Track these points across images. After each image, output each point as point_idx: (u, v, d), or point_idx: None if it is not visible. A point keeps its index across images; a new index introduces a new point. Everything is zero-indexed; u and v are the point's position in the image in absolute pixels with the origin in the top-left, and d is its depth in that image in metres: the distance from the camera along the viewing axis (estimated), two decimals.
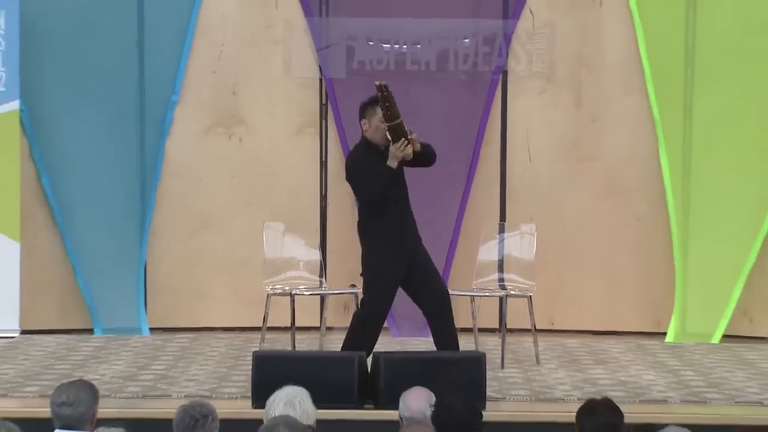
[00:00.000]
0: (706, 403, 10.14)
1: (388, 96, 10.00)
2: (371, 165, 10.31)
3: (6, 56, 12.81)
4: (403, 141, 10.11)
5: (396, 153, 10.16)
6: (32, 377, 10.72)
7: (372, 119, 10.26)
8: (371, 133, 10.34)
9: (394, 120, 10.07)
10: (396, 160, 10.18)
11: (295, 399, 7.47)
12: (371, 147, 10.39)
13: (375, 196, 10.33)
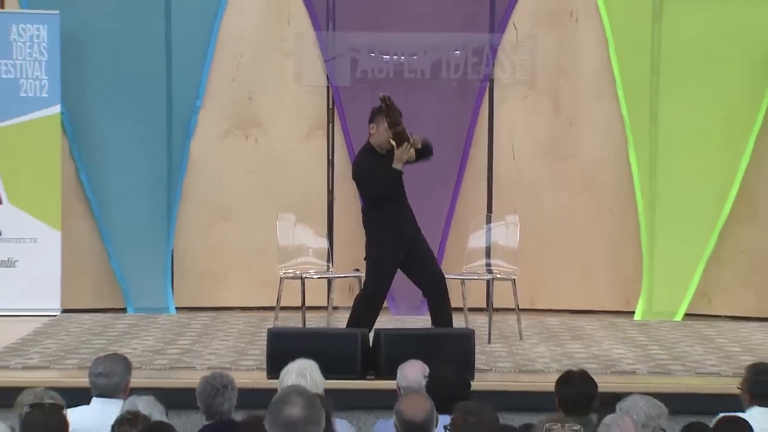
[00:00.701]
0: (670, 374, 10.16)
1: (391, 106, 10.15)
2: (375, 166, 10.44)
3: (48, 66, 12.81)
4: (406, 144, 10.24)
5: (401, 156, 10.30)
6: (72, 351, 10.73)
7: (380, 125, 10.34)
8: (377, 137, 10.41)
9: (397, 127, 10.20)
10: (401, 162, 10.33)
11: (305, 370, 7.48)
12: (374, 151, 10.48)
13: (380, 194, 10.44)
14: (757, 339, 11.73)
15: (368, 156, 10.54)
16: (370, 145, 10.52)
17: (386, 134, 10.29)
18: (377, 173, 10.40)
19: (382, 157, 10.43)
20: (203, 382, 7.46)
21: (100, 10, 13.26)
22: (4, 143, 12.80)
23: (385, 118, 10.20)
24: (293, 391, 5.98)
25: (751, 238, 13.04)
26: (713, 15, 13.16)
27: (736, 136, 13.05)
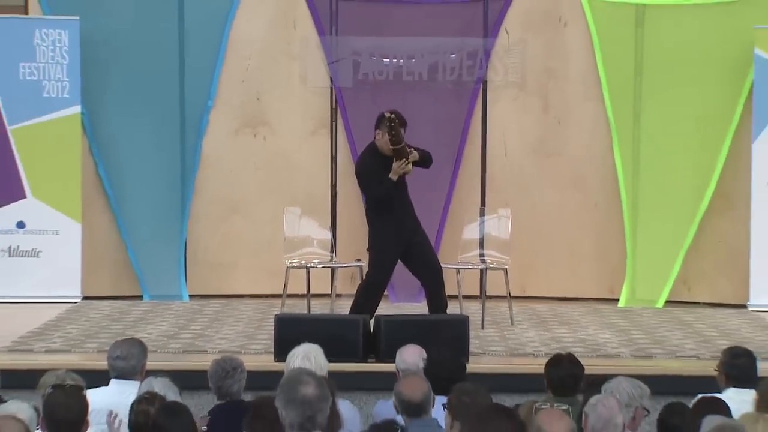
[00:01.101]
0: (651, 357, 10.18)
1: (395, 126, 10.26)
2: (377, 169, 10.51)
3: (69, 69, 12.81)
4: (404, 161, 10.32)
5: (397, 170, 10.41)
6: (92, 336, 10.74)
7: (384, 134, 10.41)
8: (381, 143, 10.47)
9: (398, 144, 10.31)
10: (396, 175, 10.41)
11: (310, 354, 7.49)
12: (378, 152, 10.54)
13: (379, 198, 10.55)
14: (733, 324, 11.72)
15: (371, 157, 10.60)
16: (374, 146, 10.58)
17: (388, 144, 10.35)
18: (377, 177, 10.49)
19: (383, 160, 10.48)
20: (214, 365, 7.47)
21: (117, 16, 13.25)
22: (28, 141, 12.79)
23: (388, 133, 10.28)
24: (304, 372, 5.99)
25: (728, 229, 13.04)
26: (692, 21, 13.16)
27: (714, 135, 13.04)
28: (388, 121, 10.24)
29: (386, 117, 10.29)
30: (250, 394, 7.28)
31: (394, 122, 10.23)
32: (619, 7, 13.39)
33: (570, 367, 7.55)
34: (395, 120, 10.25)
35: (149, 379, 7.14)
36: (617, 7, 13.39)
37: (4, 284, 12.64)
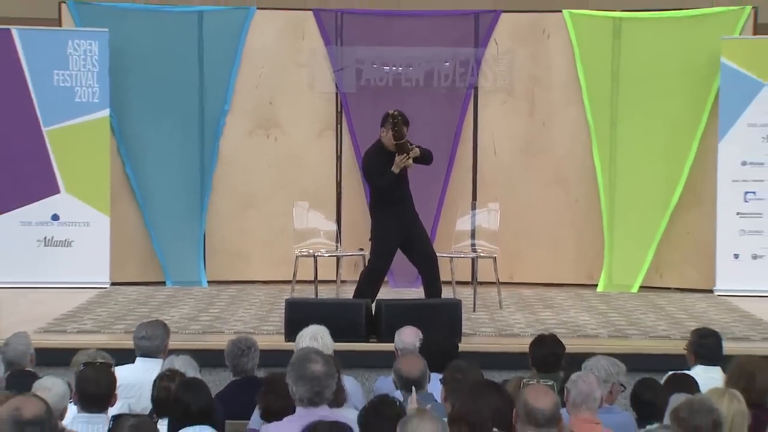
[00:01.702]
0: (627, 337, 10.18)
1: (398, 122, 10.32)
2: (381, 163, 10.54)
3: (99, 76, 12.80)
4: (405, 155, 10.35)
5: (399, 163, 10.45)
6: (119, 318, 10.75)
7: (388, 131, 10.46)
8: (385, 139, 10.49)
9: (401, 139, 10.37)
10: (398, 168, 10.44)
11: (317, 334, 7.49)
12: (383, 149, 10.54)
13: (381, 188, 10.55)
14: (701, 308, 11.72)
15: (376, 153, 10.62)
16: (380, 143, 10.60)
17: (392, 139, 10.37)
18: (381, 171, 10.51)
19: (387, 155, 10.50)
20: (230, 345, 7.48)
21: (142, 28, 13.26)
22: (62, 142, 12.79)
23: (392, 129, 10.31)
24: (312, 351, 6.00)
25: (696, 222, 13.03)
26: (664, 33, 13.16)
27: (684, 137, 13.03)
28: (392, 118, 10.32)
29: (391, 114, 10.38)
30: (263, 371, 7.30)
31: (397, 119, 10.31)
32: (598, 20, 13.39)
33: (553, 346, 7.56)
34: (398, 117, 10.32)
35: (171, 357, 7.15)
36: (596, 21, 13.39)
37: (40, 272, 12.63)
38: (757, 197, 12.71)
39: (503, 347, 9.46)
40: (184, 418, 5.80)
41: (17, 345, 7.48)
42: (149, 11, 13.46)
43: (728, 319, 10.97)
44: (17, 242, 12.70)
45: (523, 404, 5.49)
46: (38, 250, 12.75)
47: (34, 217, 12.77)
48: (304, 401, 5.73)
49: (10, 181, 12.72)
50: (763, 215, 12.69)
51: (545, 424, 5.46)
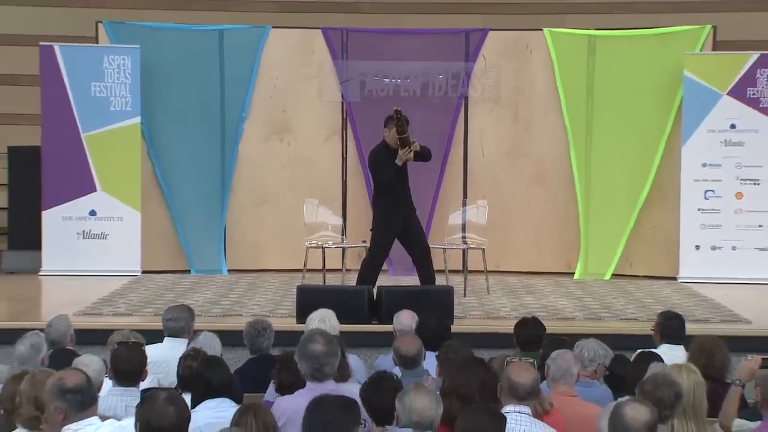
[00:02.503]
0: (600, 319, 10.20)
1: (401, 117, 10.34)
2: (385, 160, 10.53)
3: (131, 87, 12.80)
4: (407, 149, 10.33)
5: (402, 156, 10.44)
6: (149, 302, 10.76)
7: (391, 129, 10.49)
8: (388, 137, 10.52)
9: (403, 134, 10.37)
10: (401, 160, 10.44)
11: (325, 317, 7.50)
12: (387, 148, 10.55)
13: (386, 182, 10.53)
14: (666, 293, 11.73)
15: (381, 152, 10.64)
16: (384, 143, 10.62)
17: (394, 136, 10.38)
18: (385, 166, 10.50)
19: (390, 153, 10.51)
20: (248, 326, 7.48)
21: (170, 45, 13.28)
22: (98, 145, 12.79)
23: (395, 125, 10.33)
24: (317, 333, 6.02)
25: (662, 217, 13.03)
26: (634, 49, 13.16)
27: (651, 142, 13.04)
28: (396, 114, 10.34)
29: (395, 110, 10.41)
30: (277, 350, 7.30)
31: (400, 114, 10.32)
32: (575, 38, 13.38)
33: (534, 327, 7.56)
34: (401, 113, 10.33)
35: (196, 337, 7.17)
36: (573, 38, 13.39)
37: (79, 261, 12.64)
38: (715, 195, 12.71)
39: (490, 328, 9.45)
40: (206, 391, 5.82)
41: (59, 326, 7.49)
42: (176, 30, 13.47)
43: (690, 303, 10.97)
44: (59, 235, 12.70)
45: (507, 379, 5.50)
46: (77, 243, 12.75)
47: (73, 213, 12.77)
48: (308, 376, 5.77)
49: (53, 180, 12.72)
50: (721, 211, 12.69)
51: (526, 397, 5.48)
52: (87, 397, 4.97)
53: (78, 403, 4.95)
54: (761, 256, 12.60)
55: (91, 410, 4.98)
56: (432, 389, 5.23)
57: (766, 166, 12.63)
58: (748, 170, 12.67)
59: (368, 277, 10.51)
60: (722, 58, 12.86)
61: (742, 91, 12.63)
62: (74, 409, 4.95)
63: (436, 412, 5.02)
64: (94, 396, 5.03)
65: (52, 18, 14.85)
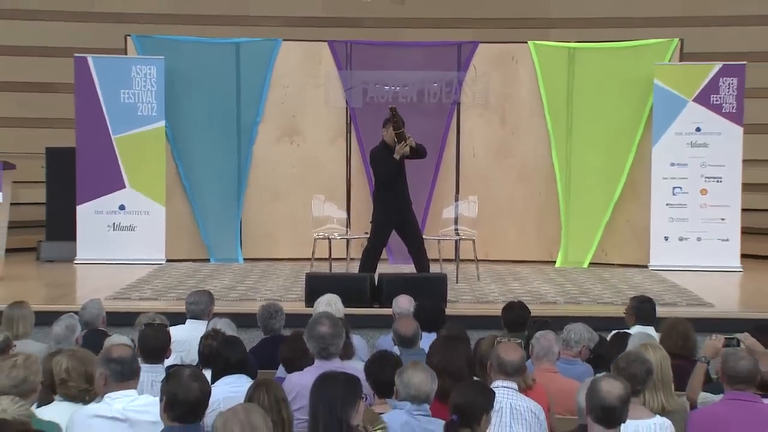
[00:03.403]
0: (579, 303, 10.18)
1: (396, 114, 10.40)
2: (385, 158, 10.57)
3: (156, 94, 12.80)
4: (404, 142, 10.34)
5: (399, 150, 10.44)
6: (173, 287, 10.76)
7: (388, 129, 10.56)
8: (386, 136, 10.56)
9: (399, 129, 10.38)
10: (398, 154, 10.45)
11: (331, 301, 7.51)
12: (386, 146, 10.58)
13: (386, 176, 10.57)
14: (638, 280, 11.72)
15: (380, 150, 10.68)
16: (383, 142, 10.65)
17: (392, 134, 10.40)
18: (384, 162, 10.53)
19: (389, 151, 10.54)
20: (262, 309, 7.48)
21: (191, 56, 13.27)
22: (127, 147, 12.78)
23: (392, 122, 10.37)
24: (323, 315, 6.02)
25: (634, 211, 13.02)
26: (609, 60, 13.16)
27: (624, 143, 13.04)
28: (391, 111, 10.39)
29: (390, 108, 10.47)
30: (287, 330, 7.29)
31: (395, 112, 10.37)
32: (556, 49, 13.37)
33: (520, 310, 7.56)
34: (396, 110, 10.39)
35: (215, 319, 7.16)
36: (555, 50, 13.37)
37: (110, 251, 12.64)
38: (682, 191, 12.71)
39: (480, 311, 9.45)
40: (225, 368, 5.81)
41: (92, 309, 7.50)
42: (197, 42, 13.46)
43: (660, 288, 10.96)
44: (92, 227, 12.69)
45: (496, 357, 5.50)
46: (108, 234, 12.74)
47: (105, 207, 12.76)
48: (316, 355, 5.78)
49: (86, 178, 12.72)
50: (688, 206, 12.69)
51: (513, 373, 5.48)
52: (127, 370, 4.99)
53: (118, 373, 4.97)
54: (723, 246, 12.60)
55: (131, 383, 5.00)
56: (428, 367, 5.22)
57: (727, 165, 12.62)
58: (711, 169, 12.67)
59: (369, 265, 10.52)
60: (688, 68, 12.84)
61: (706, 97, 12.62)
62: (114, 378, 4.99)
63: (432, 387, 5.03)
64: (135, 370, 5.04)
65: (85, 32, 14.89)
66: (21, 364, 5.05)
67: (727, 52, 13.98)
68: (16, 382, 4.96)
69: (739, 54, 13.67)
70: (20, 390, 4.90)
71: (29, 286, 11.07)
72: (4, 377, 4.97)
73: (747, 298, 11.31)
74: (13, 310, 7.19)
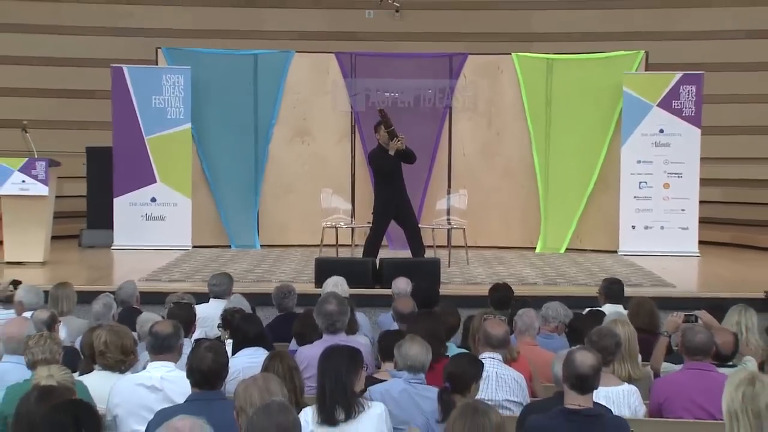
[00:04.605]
0: (557, 284, 10.18)
1: (385, 114, 10.57)
2: (381, 157, 10.68)
3: (184, 100, 12.79)
4: (396, 139, 10.47)
5: (393, 145, 10.54)
6: (198, 270, 10.76)
7: (380, 131, 10.71)
8: (381, 138, 10.66)
9: (390, 127, 10.47)
10: (394, 149, 10.52)
11: (338, 283, 7.51)
12: (381, 148, 10.72)
13: (384, 170, 10.70)
14: (608, 263, 11.72)
15: (377, 151, 10.79)
16: (379, 145, 10.76)
17: (384, 134, 10.45)
18: (380, 159, 10.65)
19: (384, 151, 10.65)
20: (276, 290, 7.49)
21: (214, 67, 13.24)
22: (157, 146, 12.77)
23: (382, 122, 10.52)
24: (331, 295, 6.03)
25: (605, 203, 13.02)
26: (583, 69, 13.14)
27: (596, 143, 13.04)
28: (380, 112, 10.57)
29: (378, 109, 10.73)
30: (299, 308, 7.30)
31: (383, 112, 10.54)
32: (537, 60, 13.36)
33: (504, 291, 7.56)
34: (384, 110, 10.58)
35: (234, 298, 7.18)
36: (535, 61, 13.36)
37: (143, 238, 12.64)
38: (648, 185, 12.70)
39: (470, 292, 9.45)
40: (244, 341, 5.82)
41: (127, 289, 7.51)
42: (220, 54, 13.44)
43: (628, 271, 10.96)
44: (127, 217, 12.70)
45: (483, 332, 5.51)
46: (141, 223, 12.74)
47: (138, 200, 12.76)
48: (324, 330, 5.78)
49: (122, 174, 12.72)
50: (652, 198, 12.68)
51: (498, 346, 5.49)
52: (159, 344, 4.99)
53: (151, 346, 5.01)
54: (683, 234, 12.61)
55: (168, 356, 4.98)
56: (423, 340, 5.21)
57: (687, 162, 12.62)
58: (673, 166, 12.67)
59: (371, 250, 10.58)
60: (653, 77, 12.83)
61: (668, 103, 12.62)
62: (150, 350, 4.97)
63: (427, 358, 5.03)
64: (170, 346, 5.01)
65: (121, 45, 14.89)
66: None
67: (687, 62, 13.99)
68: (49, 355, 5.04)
69: (698, 64, 13.68)
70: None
71: (72, 269, 11.08)
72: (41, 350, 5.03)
73: (704, 280, 11.31)
74: (58, 290, 7.21)
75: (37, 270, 10.67)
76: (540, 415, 4.40)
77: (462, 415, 3.77)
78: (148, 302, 7.93)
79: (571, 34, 15.24)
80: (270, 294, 7.55)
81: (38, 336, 5.19)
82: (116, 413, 4.88)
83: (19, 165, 10.98)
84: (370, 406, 4.47)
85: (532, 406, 4.86)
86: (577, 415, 4.32)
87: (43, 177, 10.98)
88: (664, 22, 15.30)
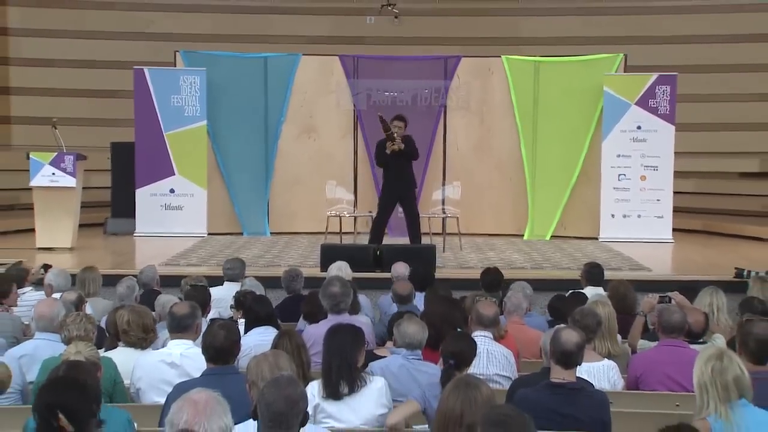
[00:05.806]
0: (543, 269, 10.17)
1: (383, 119, 10.54)
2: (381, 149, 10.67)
3: (200, 99, 12.76)
4: (391, 142, 10.50)
5: (389, 147, 10.54)
6: (213, 256, 10.76)
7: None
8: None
9: (387, 131, 10.47)
10: (389, 150, 10.53)
11: (342, 267, 7.52)
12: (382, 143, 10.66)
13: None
14: (590, 249, 11.71)
15: (382, 143, 10.71)
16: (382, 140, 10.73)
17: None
18: (380, 152, 10.67)
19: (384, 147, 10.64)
20: (285, 273, 7.50)
21: (228, 69, 13.20)
22: (176, 141, 12.75)
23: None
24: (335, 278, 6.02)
25: (588, 194, 13.00)
26: (567, 72, 13.11)
27: (579, 139, 13.03)
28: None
29: (378, 116, 10.72)
30: (306, 290, 7.29)
31: (382, 118, 10.55)
32: (524, 63, 13.32)
33: (495, 274, 7.57)
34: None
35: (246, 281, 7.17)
36: (523, 63, 13.32)
37: (162, 226, 12.63)
38: (626, 178, 12.70)
39: (463, 275, 9.43)
40: (255, 320, 5.83)
41: (148, 272, 7.52)
42: (233, 57, 13.41)
43: (607, 256, 10.95)
44: (148, 207, 12.70)
45: (475, 312, 5.51)
46: (161, 212, 12.74)
47: (158, 191, 12.74)
48: (329, 310, 5.78)
49: (143, 166, 12.72)
50: (630, 189, 12.68)
51: (489, 325, 5.49)
52: (177, 323, 5.01)
53: (169, 325, 5.03)
54: (658, 222, 12.62)
55: (186, 334, 5.00)
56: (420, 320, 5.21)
57: (662, 156, 12.62)
58: (649, 159, 12.66)
59: (375, 236, 10.64)
60: (631, 78, 12.81)
61: (645, 102, 12.61)
62: (169, 329, 5.03)
63: (423, 335, 5.03)
64: (187, 326, 5.03)
65: (142, 49, 14.91)
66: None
67: (662, 65, 13.99)
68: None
69: (672, 66, 13.69)
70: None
71: (97, 254, 11.08)
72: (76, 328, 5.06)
73: (677, 264, 11.32)
74: (85, 274, 7.21)
75: (65, 255, 10.69)
76: (527, 389, 4.41)
77: (455, 388, 3.77)
78: (167, 285, 7.93)
79: (557, 38, 15.24)
80: (279, 277, 7.56)
81: (75, 315, 5.32)
82: (139, 386, 4.93)
83: (49, 159, 11.02)
84: (371, 380, 4.48)
85: (521, 381, 4.87)
86: (561, 388, 4.33)
87: (71, 170, 11.01)
88: (641, 28, 15.38)
